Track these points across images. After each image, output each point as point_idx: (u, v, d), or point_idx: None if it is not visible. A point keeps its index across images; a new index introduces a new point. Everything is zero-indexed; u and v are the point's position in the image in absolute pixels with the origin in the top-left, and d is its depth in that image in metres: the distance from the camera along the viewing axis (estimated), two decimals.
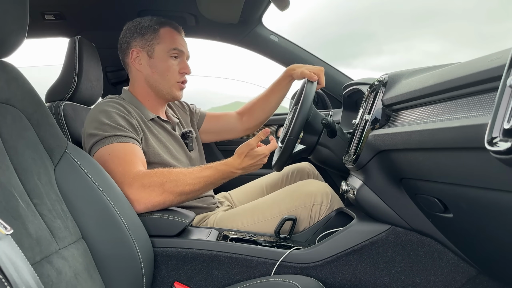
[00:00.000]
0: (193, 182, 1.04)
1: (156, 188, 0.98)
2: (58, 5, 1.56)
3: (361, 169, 0.98)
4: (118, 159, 1.01)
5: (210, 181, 1.07)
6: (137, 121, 1.16)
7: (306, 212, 1.18)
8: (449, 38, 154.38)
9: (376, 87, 0.94)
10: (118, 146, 1.04)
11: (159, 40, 1.23)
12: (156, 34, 1.23)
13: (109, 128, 1.06)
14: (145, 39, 1.23)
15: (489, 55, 0.55)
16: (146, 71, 1.24)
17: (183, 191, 1.02)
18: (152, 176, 1.00)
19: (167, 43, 1.23)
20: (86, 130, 1.10)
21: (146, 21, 1.25)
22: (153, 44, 1.23)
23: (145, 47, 1.23)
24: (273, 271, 0.95)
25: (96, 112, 1.12)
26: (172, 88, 1.25)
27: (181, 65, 1.25)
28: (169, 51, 1.23)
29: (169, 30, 1.25)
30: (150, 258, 0.91)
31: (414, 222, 0.93)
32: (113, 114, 1.10)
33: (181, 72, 1.25)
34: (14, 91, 0.76)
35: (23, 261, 0.51)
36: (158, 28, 1.23)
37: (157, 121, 1.27)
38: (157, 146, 1.18)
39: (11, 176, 0.69)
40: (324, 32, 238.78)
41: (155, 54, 1.23)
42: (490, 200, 0.59)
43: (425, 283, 0.95)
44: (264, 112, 1.48)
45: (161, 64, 1.23)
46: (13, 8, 0.72)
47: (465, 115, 0.57)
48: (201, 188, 1.06)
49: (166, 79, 1.24)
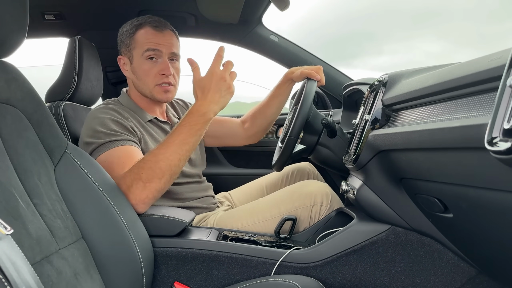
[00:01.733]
0: (165, 154, 0.95)
1: (136, 183, 0.94)
2: (58, 5, 1.57)
3: (361, 169, 0.98)
4: (112, 164, 1.01)
5: (181, 138, 0.97)
6: (134, 124, 1.15)
7: (306, 213, 1.18)
8: (450, 38, 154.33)
9: (376, 87, 0.94)
10: (113, 152, 1.04)
11: (134, 44, 1.20)
12: (132, 39, 1.20)
13: (103, 135, 1.06)
14: (125, 45, 1.22)
15: (489, 55, 0.55)
16: (131, 77, 1.24)
17: (162, 171, 0.95)
18: (130, 173, 0.96)
19: (141, 46, 1.18)
20: (83, 138, 1.09)
21: (127, 25, 1.22)
22: (131, 49, 1.21)
23: (127, 53, 1.22)
24: (273, 271, 0.95)
25: (90, 119, 1.11)
26: (153, 92, 1.20)
27: (160, 66, 1.18)
28: (143, 54, 1.18)
29: (145, 31, 1.19)
30: (150, 258, 0.91)
31: (414, 222, 0.93)
32: (106, 121, 1.09)
33: (160, 73, 1.18)
34: (14, 91, 0.76)
35: (23, 261, 0.51)
36: (134, 32, 1.20)
37: (155, 122, 1.26)
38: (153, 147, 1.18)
39: (11, 176, 0.69)
40: (324, 32, 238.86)
41: (134, 59, 1.21)
42: (490, 200, 0.59)
43: (425, 283, 0.95)
44: (266, 118, 1.44)
45: (139, 68, 1.20)
46: (13, 8, 0.72)
47: (465, 115, 0.57)
48: (177, 154, 0.96)
49: (146, 84, 1.20)
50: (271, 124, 1.48)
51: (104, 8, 1.60)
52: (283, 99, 1.41)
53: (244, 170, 1.94)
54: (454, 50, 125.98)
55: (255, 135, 1.49)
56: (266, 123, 1.45)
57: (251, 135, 1.48)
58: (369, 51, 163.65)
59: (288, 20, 4.36)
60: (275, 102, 1.41)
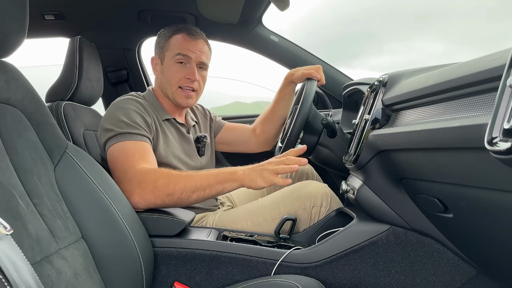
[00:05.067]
0: (187, 181, 0.97)
1: (149, 184, 0.97)
2: (58, 5, 1.57)
3: (361, 169, 0.98)
4: (127, 156, 1.04)
5: (207, 180, 0.98)
6: (153, 119, 1.19)
7: (305, 214, 1.18)
8: (451, 38, 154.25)
9: (376, 87, 0.94)
10: (129, 144, 1.07)
11: (168, 46, 1.26)
12: (167, 42, 1.26)
13: (124, 125, 1.09)
14: (160, 47, 1.28)
15: (489, 55, 0.55)
16: (160, 77, 1.29)
17: (173, 190, 0.97)
18: (150, 173, 1.00)
19: (174, 49, 1.24)
20: (103, 124, 1.13)
21: (166, 30, 1.29)
22: (164, 51, 1.27)
23: (159, 55, 1.29)
24: (273, 271, 0.95)
25: (115, 108, 1.15)
26: (174, 95, 1.26)
27: (187, 71, 1.24)
28: (174, 57, 1.24)
29: (180, 36, 1.25)
30: (150, 258, 0.91)
31: (414, 222, 0.93)
32: (130, 111, 1.13)
33: (186, 77, 1.24)
34: (14, 91, 0.76)
35: (23, 261, 0.51)
36: (171, 36, 1.26)
37: (173, 122, 1.29)
38: (164, 147, 1.20)
39: (11, 176, 0.69)
40: (324, 32, 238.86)
41: (165, 61, 1.27)
42: (490, 200, 0.59)
43: (425, 283, 0.95)
44: (274, 123, 1.46)
45: (167, 70, 1.26)
46: (13, 8, 0.72)
47: (465, 115, 0.57)
48: (194, 188, 0.97)
49: (170, 85, 1.25)
50: (281, 129, 1.48)
51: (104, 8, 1.60)
52: (287, 102, 1.43)
53: None
54: (456, 50, 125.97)
55: (267, 142, 1.51)
56: (274, 128, 1.47)
57: (262, 142, 1.51)
58: (369, 51, 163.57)
59: (289, 20, 4.37)
60: (281, 106, 1.43)
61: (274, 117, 1.45)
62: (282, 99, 1.42)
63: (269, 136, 1.49)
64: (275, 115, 1.45)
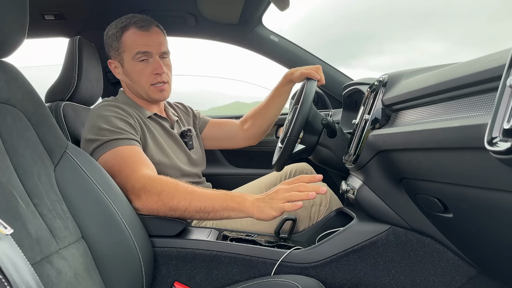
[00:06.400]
0: (190, 199, 0.95)
1: (153, 194, 0.96)
2: (58, 5, 1.57)
3: (361, 169, 0.98)
4: (124, 162, 1.01)
5: (212, 204, 0.94)
6: (136, 120, 1.16)
7: (305, 213, 1.18)
8: (451, 38, 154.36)
9: (376, 87, 0.94)
10: (120, 150, 1.04)
11: (123, 47, 1.19)
12: (120, 42, 1.20)
13: (108, 132, 1.06)
14: (114, 49, 1.22)
15: (489, 55, 0.55)
16: (124, 79, 1.24)
17: (177, 206, 0.95)
18: (155, 182, 0.97)
19: (131, 49, 1.19)
20: (85, 135, 1.09)
21: (112, 28, 1.21)
22: (120, 53, 1.21)
23: (116, 57, 1.22)
24: (273, 271, 0.95)
25: (94, 117, 1.11)
26: (148, 93, 1.22)
27: (153, 66, 1.20)
28: (134, 57, 1.18)
29: (131, 33, 1.19)
30: (150, 258, 0.91)
31: (414, 222, 0.93)
32: (111, 118, 1.09)
33: (154, 73, 1.20)
34: (14, 91, 0.76)
35: (23, 261, 0.51)
36: (121, 35, 1.19)
37: (155, 119, 1.26)
38: (153, 146, 1.18)
39: (11, 176, 0.69)
40: (324, 33, 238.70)
41: (125, 63, 1.21)
42: (490, 200, 0.59)
43: (425, 283, 0.95)
44: (266, 119, 1.45)
45: (131, 71, 1.20)
46: (13, 8, 0.72)
47: (465, 115, 0.57)
48: (198, 209, 0.94)
49: (140, 85, 1.21)
50: (271, 125, 1.49)
51: (104, 8, 1.60)
52: (282, 100, 1.43)
53: (244, 170, 1.94)
54: (455, 50, 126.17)
55: (254, 137, 1.50)
56: (266, 124, 1.47)
57: (250, 136, 1.49)
58: (369, 51, 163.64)
59: (289, 21, 4.38)
60: (275, 103, 1.43)
61: (266, 113, 1.44)
62: (278, 96, 1.41)
63: (258, 131, 1.47)
64: (268, 111, 1.44)
